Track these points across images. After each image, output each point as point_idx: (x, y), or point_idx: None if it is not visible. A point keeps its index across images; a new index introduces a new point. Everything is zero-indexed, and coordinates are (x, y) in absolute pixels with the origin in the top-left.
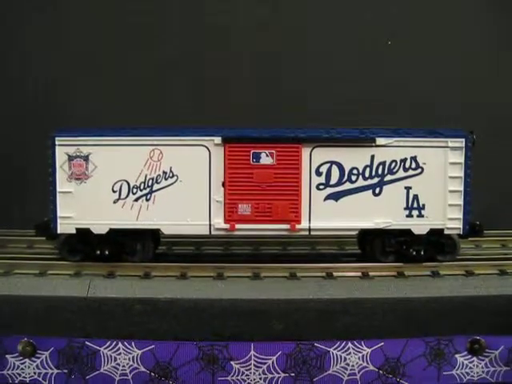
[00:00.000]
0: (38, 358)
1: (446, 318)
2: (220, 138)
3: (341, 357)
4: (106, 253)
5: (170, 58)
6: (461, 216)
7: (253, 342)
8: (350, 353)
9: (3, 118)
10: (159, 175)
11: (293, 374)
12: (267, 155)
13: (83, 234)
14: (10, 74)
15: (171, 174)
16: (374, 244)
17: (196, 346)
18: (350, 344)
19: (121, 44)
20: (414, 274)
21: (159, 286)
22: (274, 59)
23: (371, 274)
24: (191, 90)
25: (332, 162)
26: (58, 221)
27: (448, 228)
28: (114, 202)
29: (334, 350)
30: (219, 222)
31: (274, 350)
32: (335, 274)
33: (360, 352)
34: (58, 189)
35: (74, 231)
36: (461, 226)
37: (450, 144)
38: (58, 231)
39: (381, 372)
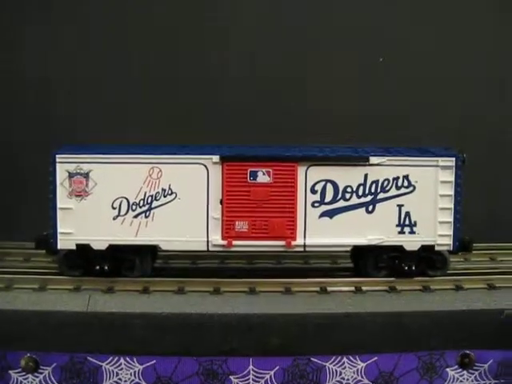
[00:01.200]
0: (41, 373)
1: (437, 331)
2: (218, 157)
3: (336, 371)
4: (106, 268)
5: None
6: (451, 233)
7: (251, 357)
8: (345, 367)
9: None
10: (158, 192)
11: None
12: (264, 174)
13: (83, 249)
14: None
15: (170, 192)
16: (366, 259)
17: (196, 362)
18: (345, 358)
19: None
20: (406, 288)
21: (158, 301)
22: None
23: (364, 288)
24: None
25: (327, 181)
26: (59, 236)
27: (438, 244)
28: (114, 219)
29: (330, 364)
30: (217, 238)
31: (272, 364)
32: (329, 288)
33: (355, 366)
34: (59, 205)
35: (73, 247)
36: (451, 243)
37: (440, 163)
38: (58, 247)
39: None
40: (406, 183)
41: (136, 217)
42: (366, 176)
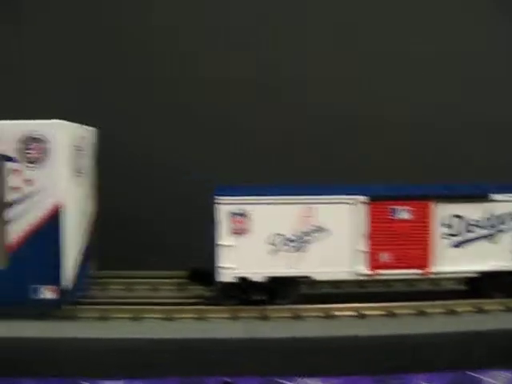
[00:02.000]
0: None
1: None
2: (365, 197)
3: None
4: (261, 298)
5: None
6: None
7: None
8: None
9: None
10: (310, 229)
11: None
12: (404, 211)
13: (240, 281)
14: None
15: (320, 228)
16: (487, 283)
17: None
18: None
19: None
20: None
21: (309, 326)
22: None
23: (486, 308)
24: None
25: (455, 216)
26: (220, 270)
27: None
28: (270, 253)
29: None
30: (362, 268)
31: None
32: (458, 309)
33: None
34: (221, 242)
35: (233, 279)
36: None
37: None
38: (220, 279)
39: None
40: None
41: (290, 251)
42: (488, 210)
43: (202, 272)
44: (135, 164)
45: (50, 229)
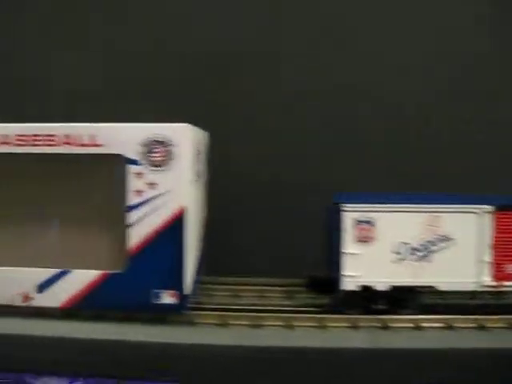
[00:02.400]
0: None
1: None
2: (491, 207)
3: None
4: (384, 307)
5: None
6: None
7: None
8: None
9: None
10: (435, 238)
11: None
12: None
13: (364, 290)
14: None
15: (445, 237)
16: None
17: None
18: None
19: None
20: None
21: (428, 337)
22: None
23: None
24: None
25: None
26: (343, 278)
27: None
28: (395, 262)
29: None
30: (487, 279)
31: None
32: None
33: None
34: (345, 250)
35: (356, 288)
36: None
37: None
38: (343, 288)
39: None
40: None
41: (415, 260)
42: None
43: (320, 280)
44: (246, 169)
45: (172, 232)
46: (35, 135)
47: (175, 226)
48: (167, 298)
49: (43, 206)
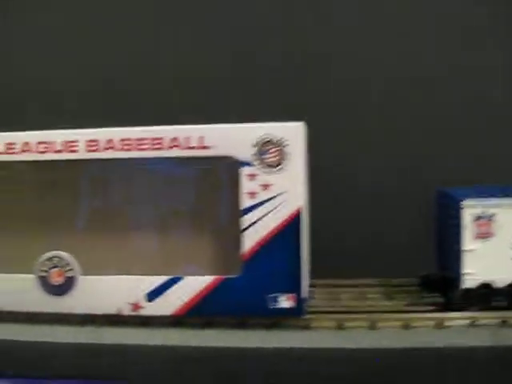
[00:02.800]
0: None
1: None
2: None
3: None
4: (503, 304)
5: None
6: None
7: None
8: None
9: None
10: None
11: None
12: None
13: (483, 287)
14: None
15: None
16: None
17: None
18: None
19: None
20: None
21: None
22: None
23: None
24: None
25: None
26: (463, 276)
27: None
28: None
29: None
30: None
31: None
32: None
33: None
34: (465, 247)
35: (475, 285)
36: None
37: None
38: (463, 286)
39: None
40: None
41: None
42: None
43: (435, 279)
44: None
45: (289, 234)
46: (140, 139)
47: (292, 228)
48: (285, 301)
49: (152, 211)
